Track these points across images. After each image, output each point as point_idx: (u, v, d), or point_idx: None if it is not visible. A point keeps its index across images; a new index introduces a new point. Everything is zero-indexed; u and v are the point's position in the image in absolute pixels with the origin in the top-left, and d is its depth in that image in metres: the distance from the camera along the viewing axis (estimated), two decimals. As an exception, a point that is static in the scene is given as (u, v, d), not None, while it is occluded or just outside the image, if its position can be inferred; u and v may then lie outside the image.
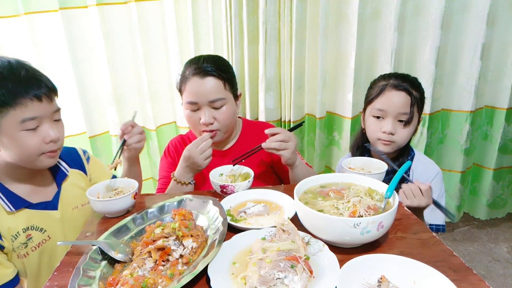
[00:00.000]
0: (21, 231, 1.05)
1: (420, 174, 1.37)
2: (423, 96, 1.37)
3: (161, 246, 0.81)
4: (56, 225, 1.12)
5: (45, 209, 1.11)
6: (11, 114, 0.95)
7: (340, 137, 2.35)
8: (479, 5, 2.02)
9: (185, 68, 1.33)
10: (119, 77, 2.22)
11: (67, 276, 0.77)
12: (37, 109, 0.98)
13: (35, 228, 1.08)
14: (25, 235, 1.06)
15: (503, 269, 2.17)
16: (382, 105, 1.34)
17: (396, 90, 1.33)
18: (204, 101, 1.27)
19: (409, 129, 1.34)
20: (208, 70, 1.27)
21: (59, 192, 1.15)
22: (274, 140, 1.19)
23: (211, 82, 1.27)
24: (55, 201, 1.14)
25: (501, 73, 2.22)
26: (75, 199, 1.18)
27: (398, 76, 1.37)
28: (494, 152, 2.37)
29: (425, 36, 2.08)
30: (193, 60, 1.33)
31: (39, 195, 1.12)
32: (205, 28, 2.17)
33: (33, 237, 1.07)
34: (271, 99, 2.25)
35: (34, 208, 1.09)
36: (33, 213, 1.08)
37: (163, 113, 2.37)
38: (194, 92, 1.27)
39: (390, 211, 0.78)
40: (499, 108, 2.29)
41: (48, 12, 2.03)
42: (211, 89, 1.27)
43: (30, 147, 1.00)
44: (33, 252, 1.07)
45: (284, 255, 0.75)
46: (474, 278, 0.71)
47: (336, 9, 2.09)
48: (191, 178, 1.27)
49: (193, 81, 1.27)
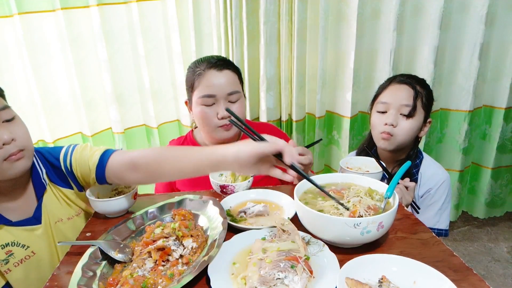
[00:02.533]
0: (0, 247, 0.97)
1: (429, 178, 1.35)
2: (431, 96, 1.36)
3: (161, 246, 0.81)
4: (40, 241, 1.04)
5: (26, 225, 1.02)
6: None
7: (340, 136, 2.35)
8: (477, 5, 2.02)
9: (194, 67, 1.31)
10: (119, 75, 2.22)
11: (67, 276, 0.76)
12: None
13: (16, 244, 1.00)
14: (4, 252, 0.98)
15: (503, 269, 2.18)
16: (385, 98, 1.35)
17: (399, 84, 1.34)
18: (222, 94, 1.26)
19: (411, 123, 1.30)
20: (225, 64, 1.28)
21: (40, 205, 1.04)
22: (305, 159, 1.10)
23: (228, 74, 1.28)
24: (37, 215, 1.04)
25: (499, 73, 2.22)
26: (58, 211, 1.08)
27: (404, 74, 1.39)
28: (493, 151, 2.37)
29: (424, 36, 2.08)
30: (202, 59, 1.32)
31: (19, 212, 1.02)
32: (207, 28, 2.17)
33: (14, 253, 0.99)
34: (272, 99, 2.25)
35: (13, 225, 1.00)
36: (14, 229, 1.00)
37: (165, 111, 2.37)
38: (212, 84, 1.26)
39: (390, 211, 0.78)
40: (497, 108, 2.30)
41: (43, 12, 2.01)
42: (229, 81, 1.27)
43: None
44: (16, 268, 1.00)
45: (284, 255, 0.75)
46: (474, 278, 0.72)
47: (336, 9, 2.09)
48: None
49: (210, 74, 1.26)
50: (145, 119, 2.39)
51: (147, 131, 2.43)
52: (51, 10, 2.02)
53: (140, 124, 2.41)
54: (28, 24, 1.99)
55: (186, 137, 1.49)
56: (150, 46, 2.18)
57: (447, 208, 1.35)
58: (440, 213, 1.33)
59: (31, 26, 2.01)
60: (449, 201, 1.36)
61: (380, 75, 2.13)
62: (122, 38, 2.17)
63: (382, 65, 2.12)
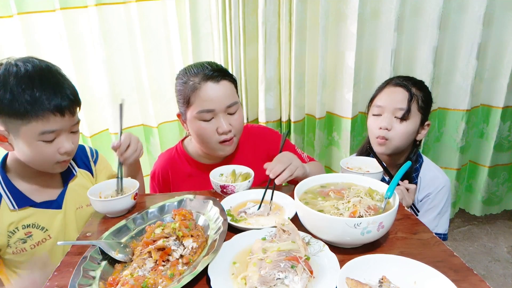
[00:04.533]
0: (21, 227, 1.06)
1: (428, 183, 1.35)
2: (429, 98, 1.35)
3: (161, 246, 0.81)
4: (58, 224, 1.13)
5: (49, 208, 1.11)
6: (33, 124, 0.96)
7: (340, 137, 2.36)
8: (475, 5, 2.03)
9: (187, 79, 1.21)
10: (118, 75, 2.21)
11: (67, 276, 0.76)
12: (58, 123, 0.99)
13: (36, 226, 1.08)
14: (24, 232, 1.06)
15: (503, 269, 2.19)
16: (380, 101, 1.34)
17: (394, 86, 1.33)
18: (221, 107, 1.19)
19: (406, 126, 1.30)
20: (221, 73, 1.19)
21: (64, 191, 1.15)
22: (280, 171, 1.08)
23: (226, 85, 1.20)
24: (60, 200, 1.14)
25: (497, 72, 2.23)
26: (80, 199, 1.18)
27: (401, 76, 1.39)
28: (490, 150, 2.39)
29: (423, 36, 2.09)
30: (194, 69, 1.22)
31: (44, 194, 1.12)
32: (205, 28, 2.16)
33: (33, 235, 1.08)
34: (271, 99, 2.25)
35: (38, 207, 1.09)
36: (36, 211, 1.09)
37: (165, 110, 2.35)
38: (211, 98, 1.17)
39: (391, 211, 0.78)
40: (494, 107, 2.31)
41: (43, 12, 2.01)
42: (227, 93, 1.19)
43: (44, 156, 1.02)
44: (31, 250, 1.08)
45: (285, 255, 0.75)
46: (474, 278, 0.72)
47: (336, 9, 2.09)
48: None
49: (207, 87, 1.17)
50: (143, 119, 2.38)
51: (145, 131, 2.42)
52: (51, 10, 2.01)
53: (138, 124, 2.40)
54: (27, 24, 1.99)
55: (177, 149, 1.40)
56: (149, 46, 2.17)
57: (446, 212, 1.34)
58: (439, 217, 1.33)
59: (31, 26, 2.00)
60: (448, 206, 1.35)
61: (381, 75, 2.13)
62: (121, 38, 2.16)
63: (383, 65, 2.13)
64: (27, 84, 0.94)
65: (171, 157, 1.39)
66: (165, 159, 1.39)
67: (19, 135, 0.98)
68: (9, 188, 1.06)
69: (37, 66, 0.98)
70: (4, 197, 1.06)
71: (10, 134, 0.99)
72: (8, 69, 0.95)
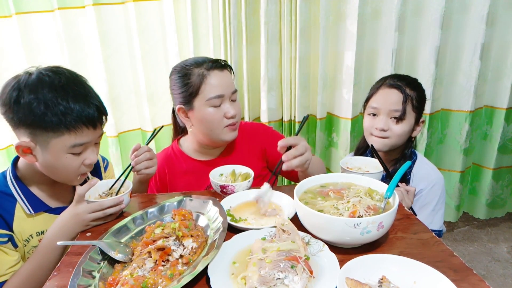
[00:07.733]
0: (35, 234, 1.05)
1: (421, 179, 1.36)
2: (423, 97, 1.37)
3: (161, 246, 0.81)
4: None
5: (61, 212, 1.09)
6: (65, 137, 0.95)
7: (339, 138, 2.35)
8: (478, 5, 2.02)
9: (190, 71, 1.25)
10: (115, 77, 2.20)
11: (67, 276, 0.76)
12: (90, 136, 1.00)
13: None
14: (38, 239, 1.05)
15: (503, 269, 2.17)
16: (376, 102, 1.37)
17: (389, 88, 1.36)
18: (228, 93, 1.26)
19: (402, 126, 1.34)
20: (223, 63, 1.27)
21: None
22: (293, 156, 1.06)
23: (228, 73, 1.28)
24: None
25: (500, 73, 2.22)
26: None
27: (395, 76, 1.41)
28: (494, 152, 2.37)
29: (425, 36, 2.08)
30: (196, 61, 1.27)
31: (58, 199, 1.11)
32: (204, 29, 2.16)
33: None
34: (273, 99, 2.25)
35: (52, 213, 1.08)
36: (50, 217, 1.07)
37: (162, 114, 2.34)
38: (220, 84, 1.24)
39: (390, 211, 0.78)
40: (498, 108, 2.30)
41: (41, 13, 2.01)
42: (230, 80, 1.28)
43: (70, 169, 1.01)
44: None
45: (284, 255, 0.75)
46: (474, 278, 0.71)
47: (336, 9, 2.09)
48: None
49: (214, 75, 1.24)
50: (141, 122, 2.35)
51: (142, 135, 2.39)
52: (49, 11, 2.02)
53: (136, 128, 2.37)
54: (26, 24, 1.99)
55: (172, 148, 1.44)
56: (147, 47, 2.16)
57: (441, 209, 1.35)
58: (433, 214, 1.33)
59: (29, 26, 2.01)
60: (442, 202, 1.36)
61: (381, 76, 2.10)
62: (119, 39, 2.15)
63: (383, 66, 2.12)
64: (62, 96, 0.93)
65: (167, 156, 1.42)
66: (161, 158, 1.42)
67: (47, 148, 0.96)
68: (25, 193, 1.04)
69: (69, 77, 0.98)
70: (20, 201, 1.03)
71: (37, 146, 0.96)
72: (42, 80, 0.94)
